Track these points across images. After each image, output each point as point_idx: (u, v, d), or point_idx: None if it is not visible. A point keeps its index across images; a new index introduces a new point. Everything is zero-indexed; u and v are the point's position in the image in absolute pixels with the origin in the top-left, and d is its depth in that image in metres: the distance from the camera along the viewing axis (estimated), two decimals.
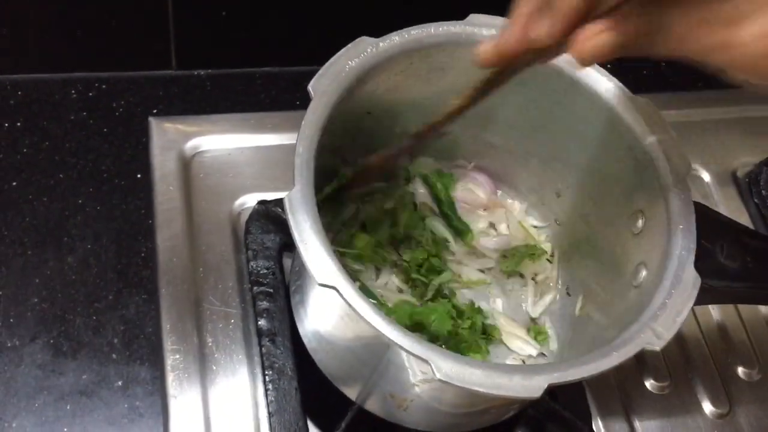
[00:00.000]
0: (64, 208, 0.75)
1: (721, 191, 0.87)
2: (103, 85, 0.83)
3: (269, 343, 0.66)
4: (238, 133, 0.80)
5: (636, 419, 0.71)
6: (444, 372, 0.46)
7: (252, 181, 0.77)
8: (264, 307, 0.68)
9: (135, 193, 0.76)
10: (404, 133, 0.59)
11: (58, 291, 0.70)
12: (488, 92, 0.51)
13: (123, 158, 0.78)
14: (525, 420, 0.67)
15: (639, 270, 0.58)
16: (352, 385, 0.62)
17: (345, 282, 0.47)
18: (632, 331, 0.51)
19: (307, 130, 0.51)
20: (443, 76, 0.61)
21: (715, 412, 0.73)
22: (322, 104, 0.52)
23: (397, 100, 0.62)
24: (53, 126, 0.79)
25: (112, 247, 0.73)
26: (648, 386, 0.73)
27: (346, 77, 0.54)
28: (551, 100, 0.62)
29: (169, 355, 0.67)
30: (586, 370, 0.49)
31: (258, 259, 0.71)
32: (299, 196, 0.49)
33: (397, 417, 0.61)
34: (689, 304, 0.52)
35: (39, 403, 0.65)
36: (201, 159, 0.78)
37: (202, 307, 0.70)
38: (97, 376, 0.67)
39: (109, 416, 0.65)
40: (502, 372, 0.47)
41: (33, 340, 0.67)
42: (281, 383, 0.65)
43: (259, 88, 0.86)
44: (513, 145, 0.70)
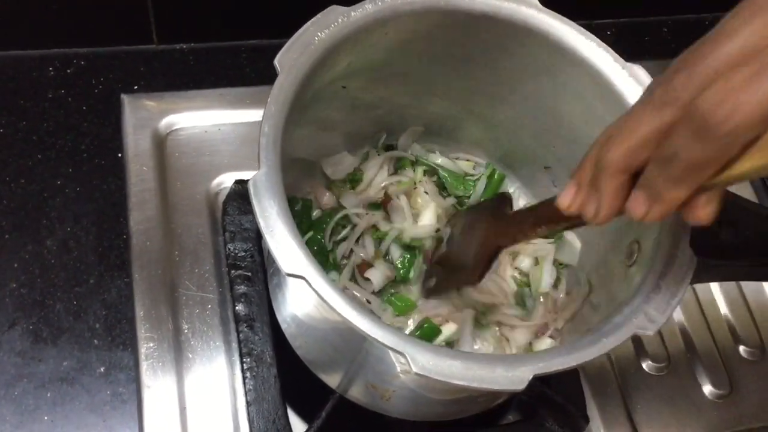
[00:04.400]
0: (42, 189, 0.73)
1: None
2: (81, 62, 0.81)
3: (247, 329, 0.64)
4: (214, 109, 0.78)
5: (633, 402, 0.70)
6: (421, 365, 0.43)
7: (229, 160, 0.75)
8: (242, 291, 0.66)
9: (115, 172, 0.74)
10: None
11: (38, 275, 0.69)
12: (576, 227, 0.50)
13: (102, 137, 0.76)
14: (516, 405, 0.65)
15: (632, 248, 0.56)
16: (332, 374, 0.60)
17: (314, 272, 0.44)
18: (624, 315, 0.48)
19: (274, 108, 0.48)
20: (423, 46, 0.58)
21: (715, 393, 0.71)
22: (289, 80, 0.49)
23: (374, 73, 0.59)
24: (30, 104, 0.77)
25: (93, 229, 0.72)
26: (645, 367, 0.71)
27: (315, 50, 0.51)
28: (540, 69, 0.59)
29: (142, 343, 0.65)
30: (573, 359, 0.46)
31: (236, 242, 0.69)
32: (265, 179, 0.46)
33: (381, 406, 0.59)
34: (684, 285, 0.50)
35: (19, 392, 0.64)
36: (176, 137, 0.76)
37: (177, 293, 0.68)
38: (78, 362, 0.65)
39: (91, 403, 0.64)
40: (483, 363, 0.44)
41: (12, 327, 0.66)
42: (260, 371, 0.63)
43: (244, 61, 0.84)
44: (502, 118, 0.66)
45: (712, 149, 0.36)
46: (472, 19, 0.56)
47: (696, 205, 0.40)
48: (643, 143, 0.39)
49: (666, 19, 0.96)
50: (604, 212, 0.43)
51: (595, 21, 0.90)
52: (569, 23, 0.57)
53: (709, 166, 0.37)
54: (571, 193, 0.44)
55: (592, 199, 0.43)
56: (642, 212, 0.41)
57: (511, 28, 0.57)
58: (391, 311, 0.63)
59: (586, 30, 0.57)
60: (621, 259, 0.56)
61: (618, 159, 0.40)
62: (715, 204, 0.40)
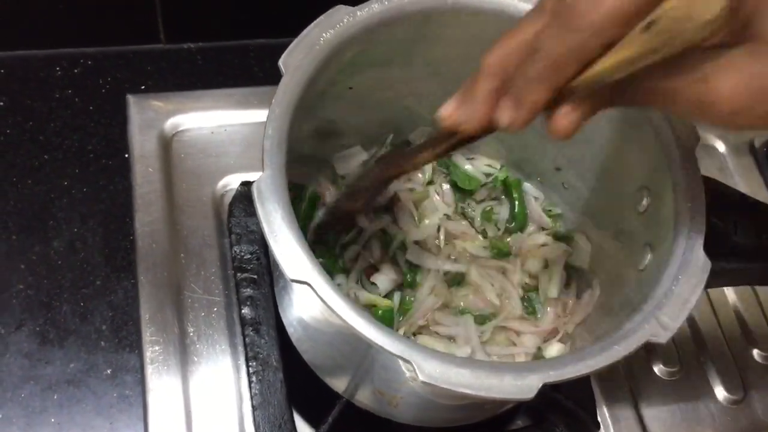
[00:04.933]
0: (49, 190, 0.73)
1: (738, 162, 0.83)
2: (88, 61, 0.80)
3: (253, 333, 0.64)
4: (221, 109, 0.77)
5: (644, 407, 0.69)
6: (427, 373, 0.42)
7: (236, 161, 0.74)
8: (248, 294, 0.65)
9: (122, 173, 0.74)
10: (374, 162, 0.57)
11: (44, 277, 0.68)
12: (454, 148, 0.49)
13: (110, 137, 0.76)
14: (524, 410, 0.64)
15: (644, 252, 0.55)
16: (338, 379, 0.59)
17: (319, 277, 0.43)
18: (635, 322, 0.47)
19: (278, 110, 0.47)
20: (429, 47, 0.57)
21: (728, 398, 0.70)
22: (294, 81, 0.49)
23: (380, 73, 0.59)
24: (37, 105, 0.77)
25: (100, 230, 0.71)
26: (657, 371, 0.70)
27: (320, 50, 0.50)
28: None
29: (148, 346, 0.64)
30: (583, 367, 0.45)
31: (242, 244, 0.68)
32: (269, 182, 0.45)
33: (388, 412, 0.58)
34: (698, 291, 0.48)
35: (25, 393, 0.63)
36: (182, 138, 0.75)
37: (183, 295, 0.68)
38: (85, 364, 0.65)
39: (98, 406, 0.64)
40: (492, 371, 0.44)
41: (18, 328, 0.66)
42: (266, 375, 0.62)
43: (252, 61, 0.83)
44: None
45: (574, 41, 0.36)
46: (479, 17, 0.55)
47: (557, 115, 0.39)
48: (518, 46, 0.40)
49: None
50: (474, 116, 0.42)
51: None
52: None
53: (570, 61, 0.37)
54: (452, 104, 0.44)
55: (466, 105, 0.42)
56: (507, 119, 0.40)
57: None
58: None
59: None
60: (633, 263, 0.55)
61: (492, 60, 0.41)
62: (578, 114, 0.39)
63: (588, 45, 0.36)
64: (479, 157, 0.70)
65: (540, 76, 0.38)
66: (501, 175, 0.70)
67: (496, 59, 0.41)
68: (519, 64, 0.39)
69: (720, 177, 0.68)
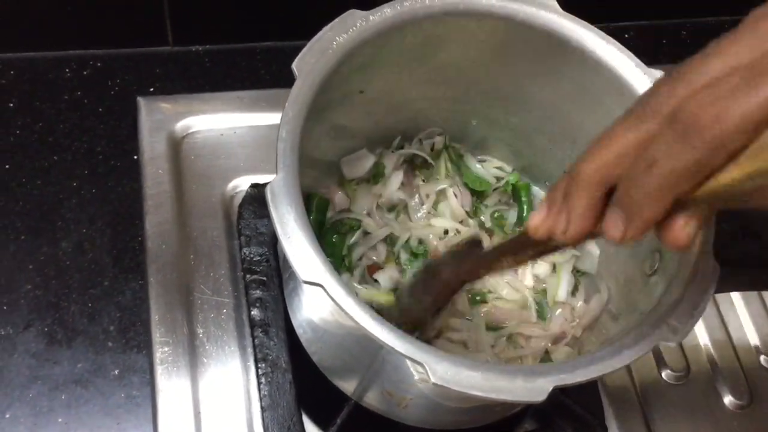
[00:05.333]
0: (58, 191, 0.73)
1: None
2: (98, 63, 0.81)
3: (262, 335, 0.64)
4: (230, 112, 0.77)
5: (651, 411, 0.68)
6: (439, 375, 0.42)
7: (245, 163, 0.74)
8: (257, 296, 0.65)
9: (131, 174, 0.74)
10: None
11: (52, 277, 0.68)
12: (544, 254, 0.47)
13: (118, 139, 0.76)
14: (532, 414, 0.64)
15: (653, 257, 0.55)
16: (347, 380, 0.59)
17: (332, 279, 0.44)
18: (646, 326, 0.48)
19: (291, 113, 0.48)
20: (440, 50, 0.58)
21: (735, 403, 0.70)
22: (307, 84, 0.49)
23: (391, 76, 0.59)
24: (47, 106, 0.77)
25: (108, 231, 0.71)
26: (664, 377, 0.70)
27: (333, 54, 0.50)
28: (560, 74, 0.58)
29: (157, 347, 0.64)
30: (594, 370, 0.45)
31: (251, 246, 0.68)
32: (282, 185, 0.45)
33: (397, 414, 0.58)
34: (708, 295, 0.49)
35: (33, 393, 0.63)
36: (192, 140, 0.76)
37: (192, 296, 0.68)
38: (92, 364, 0.65)
39: (105, 406, 0.64)
40: (503, 374, 0.44)
41: (26, 328, 0.66)
42: (275, 376, 0.62)
43: (259, 63, 0.84)
44: (518, 123, 0.66)
45: (695, 154, 0.33)
46: (491, 23, 0.56)
47: (674, 226, 0.37)
48: (621, 155, 0.36)
49: (684, 22, 0.95)
50: (573, 229, 0.39)
51: (612, 24, 0.90)
52: (589, 27, 0.56)
53: (690, 174, 0.34)
54: (541, 214, 0.41)
55: (562, 216, 0.40)
56: (618, 233, 0.37)
57: (530, 32, 0.56)
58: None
59: (606, 34, 0.56)
60: (641, 268, 0.55)
61: (592, 171, 0.37)
62: (695, 225, 0.37)
63: (713, 160, 0.33)
64: (490, 159, 0.70)
65: (656, 191, 0.35)
66: (512, 178, 0.70)
67: (596, 169, 0.37)
68: (624, 174, 0.36)
69: None
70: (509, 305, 0.63)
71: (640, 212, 0.36)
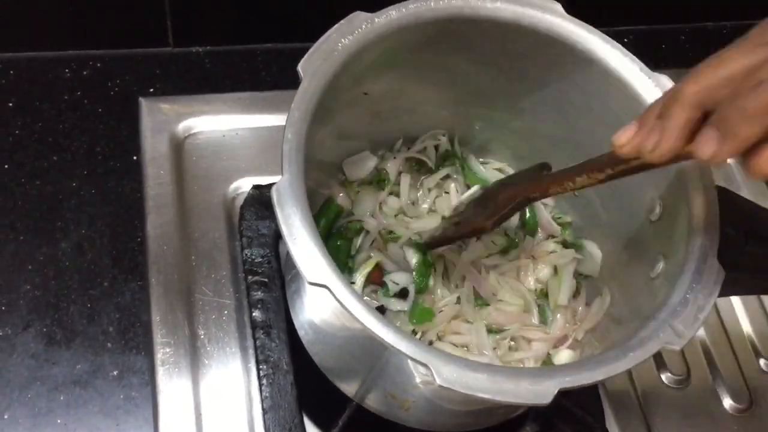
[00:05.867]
0: (57, 191, 0.73)
1: (745, 172, 0.83)
2: (97, 63, 0.81)
3: (264, 336, 0.64)
4: (232, 113, 0.77)
5: (652, 415, 0.69)
6: (444, 377, 0.43)
7: (247, 165, 0.74)
8: (258, 297, 0.65)
9: (130, 175, 0.74)
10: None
11: (52, 278, 0.68)
12: (621, 176, 0.48)
13: (118, 139, 0.76)
14: (533, 417, 0.64)
15: (657, 260, 0.55)
16: (349, 382, 0.59)
17: (337, 280, 0.44)
18: (650, 329, 0.48)
19: (297, 114, 0.48)
20: (444, 54, 0.58)
21: (735, 407, 0.70)
22: (312, 86, 0.49)
23: (395, 79, 0.59)
24: (46, 106, 0.77)
25: (107, 231, 0.71)
26: (665, 380, 0.71)
27: (339, 56, 0.50)
28: (564, 78, 0.59)
29: (159, 348, 0.64)
30: (600, 373, 0.45)
31: (253, 247, 0.68)
32: (288, 186, 0.45)
33: (399, 416, 0.58)
34: (712, 299, 0.49)
35: (32, 394, 0.63)
36: (194, 141, 0.76)
37: (194, 298, 0.68)
38: (91, 365, 0.65)
39: (104, 407, 0.64)
40: (509, 376, 0.44)
41: (25, 329, 0.66)
42: (276, 378, 0.62)
43: (260, 65, 0.84)
44: (521, 126, 0.66)
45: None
46: (496, 26, 0.56)
47: (764, 154, 0.37)
48: (729, 78, 0.37)
49: (683, 27, 0.96)
50: (664, 146, 0.40)
51: (613, 28, 0.90)
52: (594, 31, 0.56)
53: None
54: (630, 130, 0.42)
55: (654, 134, 0.40)
56: (710, 150, 0.38)
57: (534, 36, 0.56)
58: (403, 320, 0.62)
59: (610, 38, 0.56)
60: (645, 271, 0.55)
61: (696, 90, 0.38)
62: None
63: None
64: (492, 161, 0.71)
65: (759, 110, 0.36)
66: None
67: (701, 89, 0.38)
68: (728, 96, 0.37)
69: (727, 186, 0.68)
70: (511, 308, 0.63)
71: (736, 131, 0.37)
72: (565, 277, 0.65)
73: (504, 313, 0.63)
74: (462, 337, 0.61)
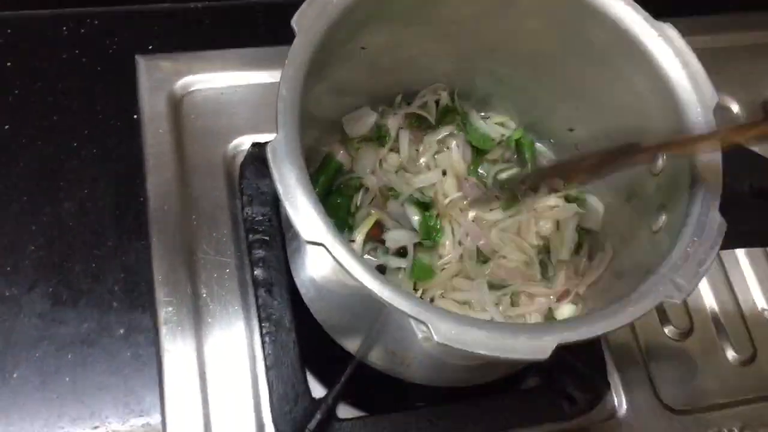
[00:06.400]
0: (59, 151, 0.72)
1: None
2: (95, 21, 0.79)
3: (266, 294, 0.64)
4: (231, 70, 0.76)
5: (655, 368, 0.69)
6: (443, 334, 0.42)
7: (247, 122, 0.74)
8: (260, 255, 0.65)
9: (130, 134, 0.73)
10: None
11: (56, 238, 0.68)
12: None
13: (118, 98, 0.75)
14: (535, 371, 0.64)
15: (659, 214, 0.54)
16: (351, 339, 0.60)
17: (334, 238, 0.43)
18: (650, 283, 0.47)
19: (291, 71, 0.47)
20: (442, 5, 0.57)
21: (738, 358, 0.71)
22: (306, 41, 0.48)
23: (393, 32, 0.58)
24: (45, 65, 0.76)
25: (110, 190, 0.71)
26: (668, 333, 0.71)
27: (334, 9, 0.49)
28: (567, 29, 0.57)
29: (161, 307, 0.65)
30: (598, 328, 0.45)
31: (253, 205, 0.68)
32: (283, 144, 0.45)
33: (400, 372, 0.58)
34: (713, 252, 0.48)
35: (40, 353, 0.64)
36: (192, 99, 0.75)
37: (195, 257, 0.68)
38: (98, 324, 0.65)
39: (112, 365, 0.64)
40: (507, 332, 0.44)
41: (31, 289, 0.66)
42: (279, 335, 0.63)
43: (259, 20, 0.82)
44: (522, 79, 0.65)
45: None
46: None
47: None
48: None
49: None
50: None
51: None
52: None
53: None
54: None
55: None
56: None
57: None
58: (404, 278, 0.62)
59: None
60: (647, 225, 0.55)
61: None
62: None
63: None
64: (493, 115, 0.70)
65: None
66: (515, 134, 0.69)
67: None
68: None
69: None
70: (513, 264, 0.63)
71: None
72: (567, 232, 0.64)
73: (506, 269, 0.63)
74: (464, 293, 0.61)
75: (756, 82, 0.84)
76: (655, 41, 0.53)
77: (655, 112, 0.55)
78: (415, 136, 0.67)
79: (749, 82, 0.84)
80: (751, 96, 0.84)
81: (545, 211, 0.66)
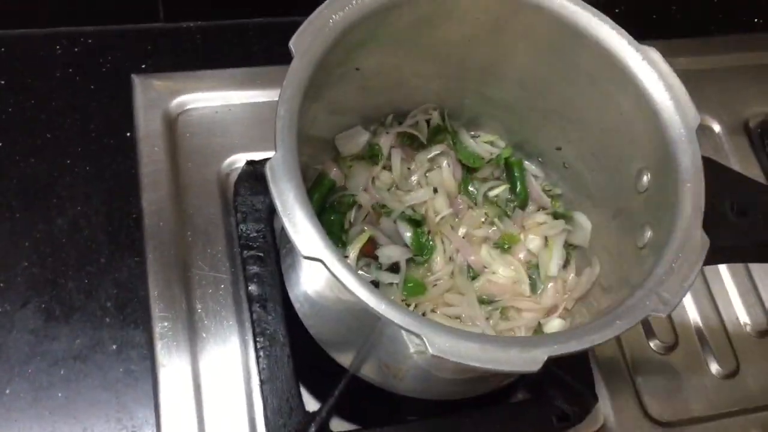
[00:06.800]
0: (52, 169, 0.73)
1: (732, 142, 0.84)
2: (89, 40, 0.80)
3: (260, 309, 0.65)
4: (226, 89, 0.77)
5: (641, 381, 0.70)
6: (437, 347, 0.43)
7: (241, 140, 0.75)
8: (254, 271, 0.66)
9: (124, 152, 0.74)
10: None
11: (49, 254, 0.69)
12: None
13: (111, 116, 0.76)
14: (525, 384, 0.65)
15: (644, 230, 0.56)
16: (345, 353, 0.60)
17: (331, 254, 0.44)
18: (637, 297, 0.49)
19: (289, 91, 0.48)
20: (435, 28, 0.58)
21: (721, 371, 0.72)
22: (304, 63, 0.49)
23: (387, 54, 0.59)
24: (38, 84, 0.77)
25: (103, 208, 0.72)
26: (653, 346, 0.72)
27: (330, 32, 0.50)
28: (554, 52, 0.59)
29: (157, 322, 0.65)
30: (587, 341, 0.46)
31: (248, 222, 0.69)
32: (282, 162, 0.46)
33: (393, 385, 0.59)
34: (697, 267, 0.50)
35: (32, 369, 0.64)
36: (187, 117, 0.76)
37: (190, 273, 0.68)
38: (91, 340, 0.66)
39: (104, 381, 0.64)
40: (499, 345, 0.45)
41: (24, 305, 0.66)
42: (273, 350, 0.63)
43: (252, 40, 0.83)
44: (510, 99, 0.66)
45: None
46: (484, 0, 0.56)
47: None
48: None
49: None
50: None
51: None
52: (582, 4, 0.56)
53: None
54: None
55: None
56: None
57: (523, 9, 0.57)
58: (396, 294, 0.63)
59: (597, 10, 0.56)
60: (633, 241, 0.56)
61: None
62: None
63: None
64: (482, 134, 0.71)
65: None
66: (504, 153, 0.70)
67: None
68: None
69: (715, 156, 0.69)
70: (503, 280, 0.64)
71: None
72: (555, 248, 0.66)
73: (496, 285, 0.64)
74: (455, 308, 0.62)
75: (737, 102, 0.86)
76: (639, 64, 0.55)
77: (639, 132, 0.56)
78: (406, 154, 0.68)
79: (730, 102, 0.86)
80: (733, 116, 0.85)
81: (534, 228, 0.67)
